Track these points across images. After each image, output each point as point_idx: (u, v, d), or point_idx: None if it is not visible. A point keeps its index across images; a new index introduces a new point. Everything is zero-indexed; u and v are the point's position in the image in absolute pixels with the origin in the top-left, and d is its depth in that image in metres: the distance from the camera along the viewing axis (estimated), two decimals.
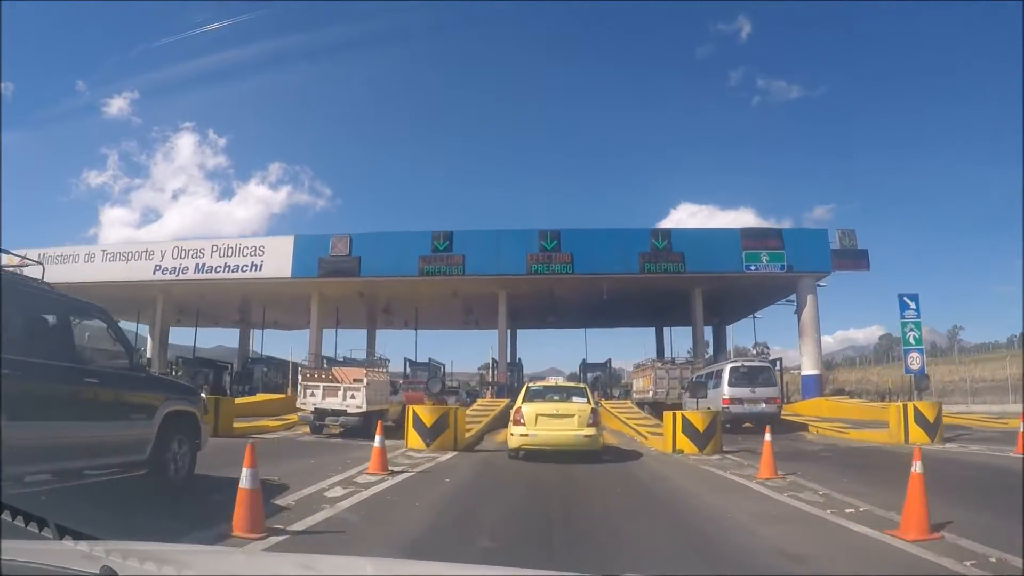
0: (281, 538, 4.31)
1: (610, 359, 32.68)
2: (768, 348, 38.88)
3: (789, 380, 30.27)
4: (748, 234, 25.78)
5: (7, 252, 5.21)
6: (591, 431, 9.02)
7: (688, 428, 10.40)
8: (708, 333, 31.46)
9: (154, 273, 27.92)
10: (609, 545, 4.62)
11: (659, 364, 25.81)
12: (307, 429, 14.44)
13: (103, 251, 29.22)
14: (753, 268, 25.11)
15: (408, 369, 31.45)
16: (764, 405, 16.11)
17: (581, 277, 25.38)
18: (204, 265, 28.12)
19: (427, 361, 32.50)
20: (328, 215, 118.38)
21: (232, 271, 27.80)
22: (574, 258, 25.14)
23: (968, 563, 3.87)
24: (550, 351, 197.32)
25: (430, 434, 10.34)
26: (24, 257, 5.67)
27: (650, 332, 38.57)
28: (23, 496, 4.29)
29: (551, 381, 13.42)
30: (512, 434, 9.17)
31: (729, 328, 36.85)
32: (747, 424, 16.03)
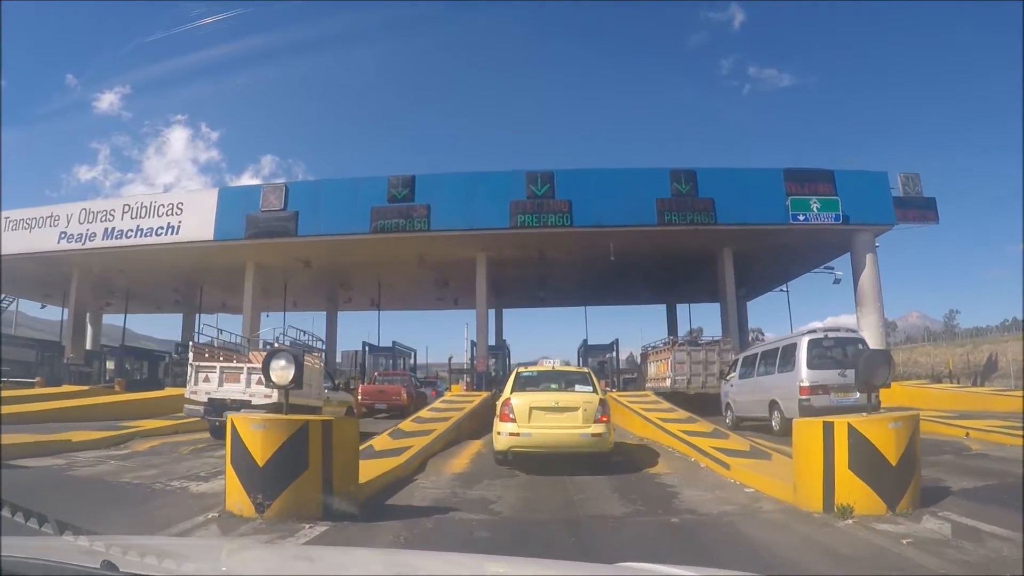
0: None
1: (617, 340, 26.96)
2: (763, 334, 33.90)
3: None
4: (793, 175, 20.11)
5: None
6: (599, 428, 7.53)
7: (865, 457, 4.54)
8: (721, 310, 25.67)
9: (59, 241, 22.54)
10: None
11: (679, 345, 20.48)
12: (201, 434, 10.19)
13: (6, 218, 23.66)
14: (802, 219, 19.56)
15: (369, 356, 25.97)
16: (859, 395, 10.97)
17: (581, 231, 19.63)
18: (114, 230, 22.30)
19: (391, 346, 26.83)
20: None
21: (145, 235, 22.04)
22: (572, 207, 19.41)
23: None
24: (540, 338, 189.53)
25: (265, 481, 4.39)
26: None
27: (656, 312, 33.13)
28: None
29: (546, 365, 10.41)
30: (499, 433, 7.70)
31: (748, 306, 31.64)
32: None
